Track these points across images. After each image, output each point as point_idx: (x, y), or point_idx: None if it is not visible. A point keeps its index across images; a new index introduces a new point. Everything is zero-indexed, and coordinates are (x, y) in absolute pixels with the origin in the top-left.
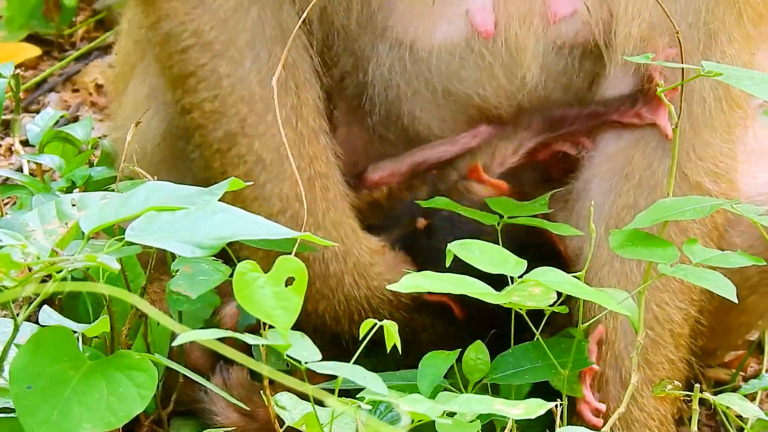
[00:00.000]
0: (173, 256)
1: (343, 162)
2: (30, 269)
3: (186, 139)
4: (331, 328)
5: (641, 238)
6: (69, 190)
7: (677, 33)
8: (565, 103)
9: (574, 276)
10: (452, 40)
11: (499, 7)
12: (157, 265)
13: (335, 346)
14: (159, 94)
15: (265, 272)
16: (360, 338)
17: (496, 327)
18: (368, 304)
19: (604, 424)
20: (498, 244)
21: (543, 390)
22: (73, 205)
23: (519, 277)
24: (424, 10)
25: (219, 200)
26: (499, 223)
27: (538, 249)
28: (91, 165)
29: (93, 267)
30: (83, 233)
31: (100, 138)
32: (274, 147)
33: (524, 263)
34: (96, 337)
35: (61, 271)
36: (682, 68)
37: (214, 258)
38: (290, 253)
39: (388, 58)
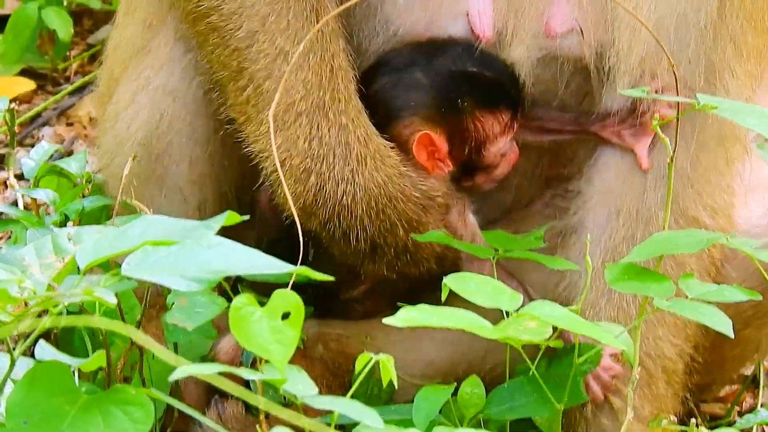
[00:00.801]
0: (169, 289)
1: None
2: (26, 304)
3: (197, 48)
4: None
5: (637, 272)
6: (63, 224)
7: (673, 67)
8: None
9: (570, 310)
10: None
11: (500, 14)
12: (154, 298)
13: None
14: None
15: None
16: (356, 372)
17: None
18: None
19: None
20: None
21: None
22: (69, 240)
23: (514, 311)
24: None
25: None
26: (494, 257)
27: None
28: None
29: (89, 301)
30: (79, 268)
31: (95, 173)
32: (297, 41)
33: (520, 297)
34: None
35: (57, 305)
36: (678, 102)
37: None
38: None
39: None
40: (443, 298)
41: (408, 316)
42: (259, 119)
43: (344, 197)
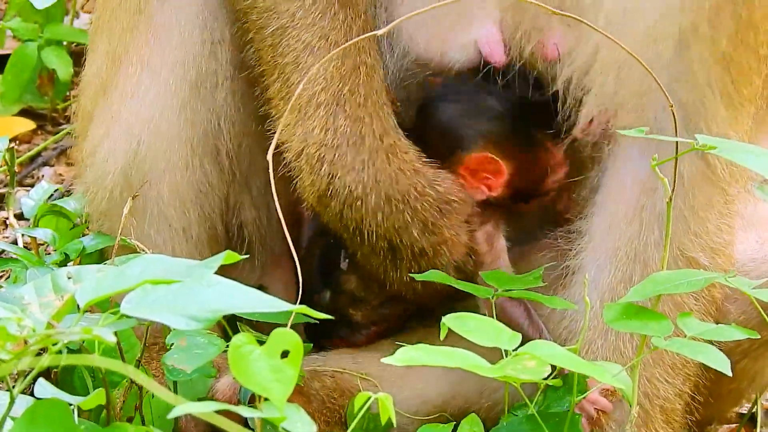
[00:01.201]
0: (169, 329)
1: None
2: (26, 342)
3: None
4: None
5: (635, 312)
6: (63, 264)
7: (671, 107)
8: None
9: (568, 349)
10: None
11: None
12: (154, 337)
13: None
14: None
15: None
16: (355, 411)
17: None
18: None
19: None
20: None
21: None
22: (69, 278)
23: (513, 350)
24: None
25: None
26: (493, 296)
27: None
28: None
29: (89, 339)
30: (78, 306)
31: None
32: (321, 36)
33: (518, 336)
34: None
35: (56, 343)
36: (676, 142)
37: (209, 331)
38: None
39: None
40: (442, 336)
41: (407, 355)
42: (286, 111)
43: (356, 188)
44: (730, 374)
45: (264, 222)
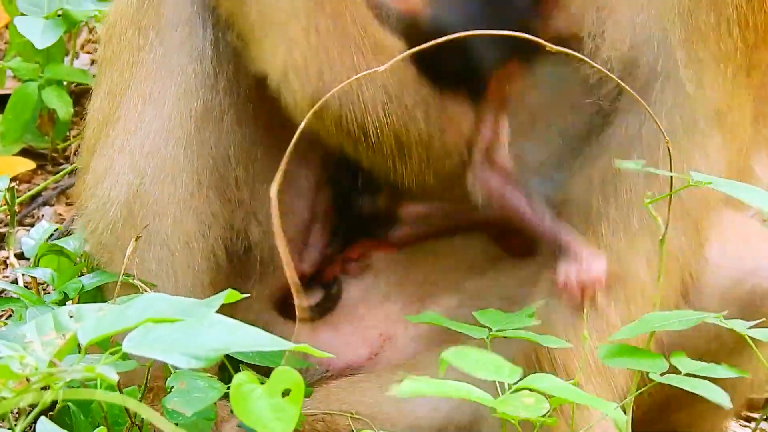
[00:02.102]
0: (169, 371)
1: None
2: (28, 380)
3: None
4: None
5: (629, 350)
6: (62, 303)
7: (668, 143)
8: None
9: (570, 383)
10: None
11: None
12: (154, 379)
13: None
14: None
15: None
16: None
17: None
18: None
19: None
20: None
21: None
22: (71, 317)
23: (514, 383)
24: None
25: None
26: (488, 337)
27: None
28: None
29: (90, 378)
30: (80, 345)
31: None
32: None
33: (519, 371)
34: None
35: (58, 381)
36: (671, 177)
37: (209, 375)
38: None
39: None
40: (441, 371)
41: (413, 387)
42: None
43: (350, 85)
44: (729, 406)
45: (272, 243)
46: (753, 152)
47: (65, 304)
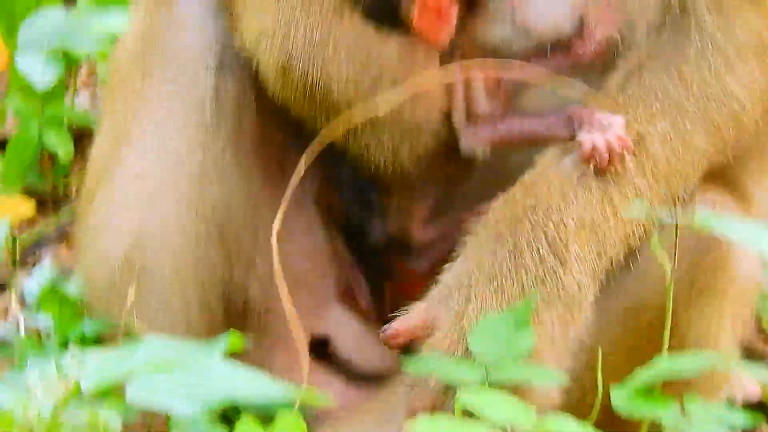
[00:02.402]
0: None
1: None
2: (32, 430)
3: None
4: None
5: (643, 395)
6: (64, 348)
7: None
8: None
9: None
10: None
11: None
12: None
13: None
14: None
15: None
16: None
17: None
18: None
19: None
20: None
21: None
22: (73, 363)
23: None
24: None
25: None
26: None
27: None
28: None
29: (94, 424)
30: (83, 391)
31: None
32: None
33: (533, 412)
34: None
35: (62, 429)
36: (676, 225)
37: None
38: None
39: None
40: (456, 413)
41: (429, 426)
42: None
43: (322, 49)
44: None
45: (271, 295)
46: None
47: (67, 350)
